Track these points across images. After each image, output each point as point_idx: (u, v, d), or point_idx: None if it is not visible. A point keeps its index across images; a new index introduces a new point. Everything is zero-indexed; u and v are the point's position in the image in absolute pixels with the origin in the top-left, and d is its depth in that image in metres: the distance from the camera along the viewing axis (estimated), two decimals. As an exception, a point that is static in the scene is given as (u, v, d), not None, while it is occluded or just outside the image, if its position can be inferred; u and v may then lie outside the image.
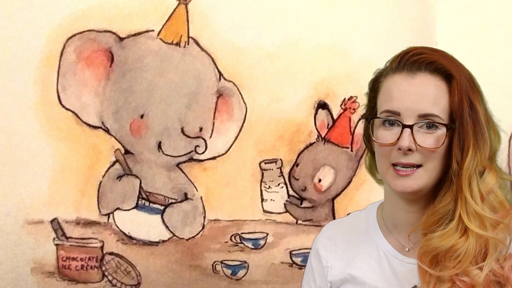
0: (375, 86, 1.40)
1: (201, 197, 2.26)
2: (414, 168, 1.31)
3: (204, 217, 2.26)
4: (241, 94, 2.25)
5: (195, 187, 2.26)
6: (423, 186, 1.32)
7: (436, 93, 1.31)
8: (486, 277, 1.27)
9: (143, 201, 2.24)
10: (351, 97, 2.27)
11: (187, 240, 2.25)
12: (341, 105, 2.28)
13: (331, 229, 1.50)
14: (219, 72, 2.25)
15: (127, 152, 2.24)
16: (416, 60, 1.33)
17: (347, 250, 1.45)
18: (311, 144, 2.28)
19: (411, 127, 1.30)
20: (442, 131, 1.31)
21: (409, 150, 1.30)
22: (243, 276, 2.27)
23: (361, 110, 2.27)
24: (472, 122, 1.30)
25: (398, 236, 1.40)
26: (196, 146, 2.25)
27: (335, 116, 2.28)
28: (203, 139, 2.25)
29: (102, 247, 2.23)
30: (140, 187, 2.24)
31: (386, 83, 1.36)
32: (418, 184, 1.31)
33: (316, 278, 1.49)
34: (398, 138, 1.30)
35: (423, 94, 1.31)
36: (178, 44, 2.22)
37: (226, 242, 2.27)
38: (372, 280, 1.40)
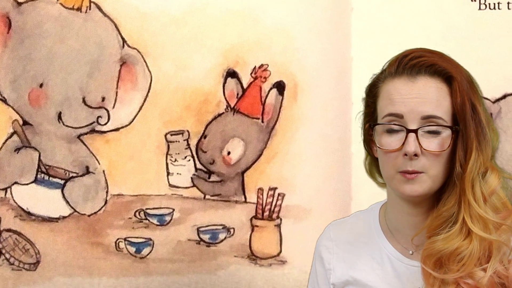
0: (373, 92, 1.39)
1: (103, 171, 2.15)
2: (418, 173, 1.32)
3: (107, 192, 2.15)
4: (145, 62, 2.14)
5: (97, 160, 2.15)
6: (429, 190, 1.33)
7: (438, 95, 1.32)
8: (491, 278, 1.28)
9: (43, 175, 2.13)
10: (262, 65, 2.16)
11: (88, 216, 2.15)
12: (251, 74, 2.16)
13: (333, 230, 1.51)
14: (123, 38, 2.14)
15: (25, 123, 2.13)
16: (416, 64, 1.33)
17: (349, 251, 1.46)
18: (219, 115, 2.17)
19: (415, 131, 1.30)
20: (446, 134, 1.32)
21: (415, 155, 1.30)
22: (148, 254, 2.16)
23: (273, 79, 2.18)
24: (475, 124, 1.32)
25: (401, 239, 1.41)
26: (98, 117, 2.14)
27: (245, 85, 2.17)
28: (106, 109, 2.15)
29: (-1, 224, 2.13)
30: (39, 160, 2.13)
31: (386, 87, 1.35)
32: (423, 188, 1.32)
33: (319, 281, 1.50)
34: (403, 144, 1.31)
35: (426, 96, 1.31)
36: (79, 9, 2.12)
37: (130, 218, 2.16)
38: (375, 282, 1.40)
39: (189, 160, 2.17)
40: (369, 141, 1.42)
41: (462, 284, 1.29)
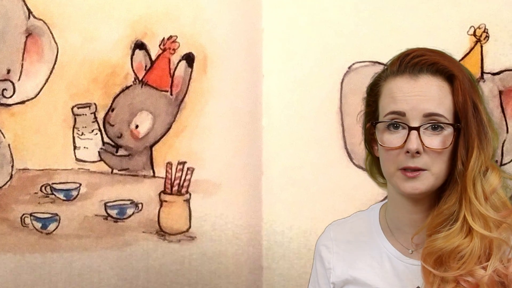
0: (374, 91, 1.40)
1: (8, 145, 2.10)
2: (421, 171, 1.32)
3: (12, 166, 2.10)
4: (52, 33, 2.10)
5: (2, 133, 2.10)
6: (430, 187, 1.34)
7: (440, 93, 1.33)
8: (491, 277, 1.29)
9: None
10: (170, 37, 2.12)
11: (-7, 191, 2.11)
12: (160, 45, 2.12)
13: (333, 229, 1.52)
14: (28, 9, 2.10)
15: None
16: (417, 62, 1.34)
17: (349, 251, 1.47)
18: (127, 87, 2.12)
19: (417, 129, 1.31)
20: (448, 131, 1.33)
21: (417, 152, 1.31)
22: (54, 230, 2.11)
23: (182, 51, 2.13)
24: (476, 122, 1.33)
25: (401, 238, 1.41)
26: (3, 90, 2.10)
27: (153, 57, 2.12)
28: (11, 82, 2.10)
29: None
30: None
31: (388, 86, 1.36)
32: (425, 185, 1.33)
33: (319, 280, 1.50)
34: (405, 141, 1.32)
35: (428, 94, 1.33)
36: (-17, -21, 2.08)
37: (35, 193, 2.11)
38: (374, 281, 1.41)
39: (96, 133, 2.13)
40: (370, 141, 1.42)
41: (462, 282, 1.29)
